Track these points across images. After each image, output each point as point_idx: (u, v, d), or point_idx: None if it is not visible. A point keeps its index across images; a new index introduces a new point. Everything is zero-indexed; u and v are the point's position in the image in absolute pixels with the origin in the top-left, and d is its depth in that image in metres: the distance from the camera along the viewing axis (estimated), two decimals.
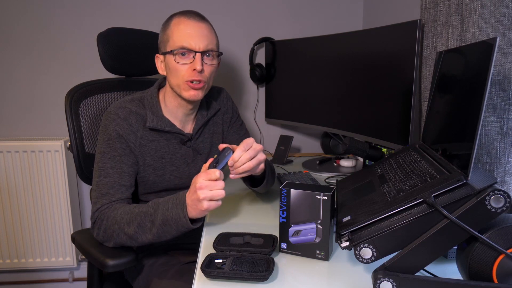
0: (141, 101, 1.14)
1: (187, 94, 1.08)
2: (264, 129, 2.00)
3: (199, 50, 1.05)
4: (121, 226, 0.98)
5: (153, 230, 0.95)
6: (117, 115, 1.08)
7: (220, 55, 1.13)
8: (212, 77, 1.13)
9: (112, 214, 1.01)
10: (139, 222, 0.96)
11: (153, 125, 1.11)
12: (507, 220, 0.66)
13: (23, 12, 1.73)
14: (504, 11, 0.92)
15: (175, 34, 1.06)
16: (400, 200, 0.71)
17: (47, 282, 1.96)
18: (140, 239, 0.98)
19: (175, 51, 1.06)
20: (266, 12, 1.88)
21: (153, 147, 1.13)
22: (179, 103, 1.14)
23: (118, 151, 1.07)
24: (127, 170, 1.08)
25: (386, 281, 0.65)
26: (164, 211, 0.94)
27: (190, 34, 1.05)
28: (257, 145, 0.98)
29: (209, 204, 0.89)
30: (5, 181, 1.73)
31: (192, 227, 0.94)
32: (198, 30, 1.06)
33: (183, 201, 0.93)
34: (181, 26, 1.06)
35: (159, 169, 1.15)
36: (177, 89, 1.10)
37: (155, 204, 0.97)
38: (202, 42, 1.06)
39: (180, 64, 1.06)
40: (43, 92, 1.81)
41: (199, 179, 0.90)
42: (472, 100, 0.70)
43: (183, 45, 1.05)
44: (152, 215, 0.95)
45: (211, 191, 0.89)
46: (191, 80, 1.06)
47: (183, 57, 1.06)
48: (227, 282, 0.77)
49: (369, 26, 1.86)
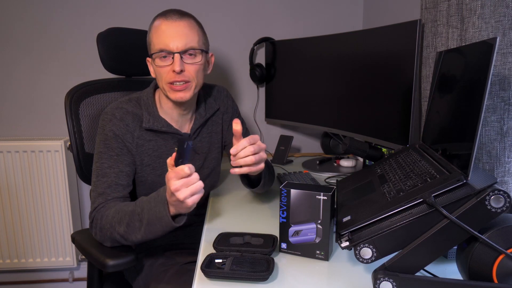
0: (138, 101, 1.14)
1: (173, 96, 1.07)
2: (264, 129, 2.00)
3: (177, 51, 1.03)
4: (113, 225, 0.99)
5: (141, 229, 0.95)
6: (113, 115, 1.08)
7: (204, 52, 1.09)
8: (200, 75, 1.10)
9: (105, 213, 1.02)
10: (128, 222, 0.97)
11: (149, 126, 1.10)
12: (507, 220, 0.66)
13: (23, 12, 1.73)
14: (504, 11, 0.92)
15: (154, 37, 1.05)
16: (400, 200, 0.71)
17: (47, 282, 1.96)
18: (131, 238, 0.98)
19: (154, 54, 1.05)
20: (266, 12, 1.88)
21: (150, 147, 1.13)
22: (172, 105, 1.14)
23: (115, 150, 1.07)
24: (124, 169, 1.08)
25: (386, 281, 0.65)
26: (148, 210, 0.93)
27: (167, 35, 1.03)
28: (262, 144, 0.98)
29: (192, 200, 0.86)
30: (5, 181, 1.73)
31: (174, 225, 0.92)
32: (176, 29, 1.04)
33: (164, 198, 0.91)
34: (160, 28, 1.05)
35: (157, 169, 1.15)
36: (164, 92, 1.09)
37: (141, 202, 0.97)
38: (180, 42, 1.03)
39: (160, 67, 1.05)
40: (43, 92, 1.81)
41: (171, 181, 0.85)
42: (472, 100, 0.70)
43: (161, 47, 1.04)
44: (140, 215, 0.95)
45: (188, 187, 0.86)
46: (172, 81, 1.05)
47: (164, 59, 1.05)
48: (227, 282, 0.77)
49: (369, 26, 1.86)
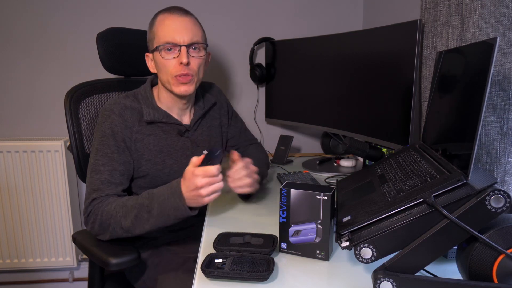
0: (135, 96, 1.16)
1: (177, 89, 1.10)
2: (264, 129, 2.00)
3: (184, 44, 1.07)
4: (117, 220, 1.00)
5: (150, 220, 0.98)
6: (112, 111, 1.09)
7: (206, 47, 1.14)
8: (202, 70, 1.14)
9: (106, 208, 1.02)
10: (136, 214, 0.99)
11: (150, 118, 1.12)
12: (507, 220, 0.66)
13: (23, 12, 1.73)
14: (504, 11, 0.92)
15: (160, 30, 1.08)
16: (400, 200, 0.71)
17: (47, 282, 1.96)
18: (136, 230, 1.00)
19: (161, 46, 1.08)
20: (266, 12, 1.88)
21: (150, 141, 1.14)
22: (173, 99, 1.16)
23: (111, 148, 1.08)
24: (118, 168, 1.08)
25: (386, 281, 0.65)
26: (161, 202, 0.97)
27: (174, 28, 1.07)
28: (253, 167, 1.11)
29: (210, 198, 0.95)
30: (5, 181, 1.73)
31: (191, 214, 0.98)
32: (182, 23, 1.08)
33: (179, 191, 0.96)
34: (165, 22, 1.08)
35: (158, 164, 1.15)
36: (167, 85, 1.11)
37: (149, 195, 1.00)
38: (186, 36, 1.07)
39: (166, 59, 1.08)
40: (43, 92, 1.81)
41: (199, 178, 0.93)
42: (472, 100, 0.70)
43: (168, 40, 1.07)
44: (148, 206, 0.98)
45: (212, 186, 0.94)
46: (179, 74, 1.08)
47: (169, 52, 1.08)
48: (227, 282, 0.77)
49: (369, 26, 1.86)
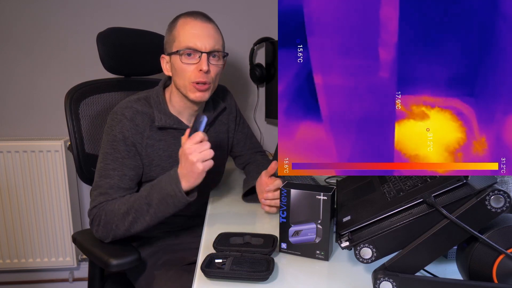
0: (147, 100, 1.14)
1: (193, 95, 1.09)
2: (264, 129, 2.00)
3: (205, 51, 1.05)
4: (121, 217, 1.01)
5: (150, 211, 0.99)
6: (123, 115, 1.08)
7: (226, 56, 1.13)
8: (218, 78, 1.13)
9: (109, 208, 1.02)
10: (136, 208, 0.99)
11: (161, 124, 1.11)
12: (507, 220, 0.66)
13: (23, 12, 1.73)
14: None
15: (181, 34, 1.06)
16: (400, 200, 0.71)
17: (47, 282, 1.96)
18: (137, 224, 1.00)
19: (181, 51, 1.06)
20: (266, 12, 1.88)
21: (160, 146, 1.13)
22: (185, 104, 1.14)
23: (122, 153, 1.07)
24: (129, 173, 1.08)
25: (386, 281, 0.65)
26: (159, 190, 0.98)
27: (196, 34, 1.05)
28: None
29: (203, 165, 0.94)
30: (5, 181, 1.73)
31: (188, 199, 0.98)
32: (205, 30, 1.06)
33: (176, 176, 0.97)
34: (187, 27, 1.06)
35: (167, 169, 1.14)
36: (183, 90, 1.10)
37: (147, 186, 1.01)
38: (208, 43, 1.06)
39: (186, 65, 1.06)
40: (43, 92, 1.81)
41: (186, 145, 0.95)
42: None
43: (189, 45, 1.05)
44: (147, 197, 0.99)
45: (201, 152, 0.94)
46: (197, 81, 1.06)
47: (189, 57, 1.06)
48: (227, 282, 0.77)
49: None
